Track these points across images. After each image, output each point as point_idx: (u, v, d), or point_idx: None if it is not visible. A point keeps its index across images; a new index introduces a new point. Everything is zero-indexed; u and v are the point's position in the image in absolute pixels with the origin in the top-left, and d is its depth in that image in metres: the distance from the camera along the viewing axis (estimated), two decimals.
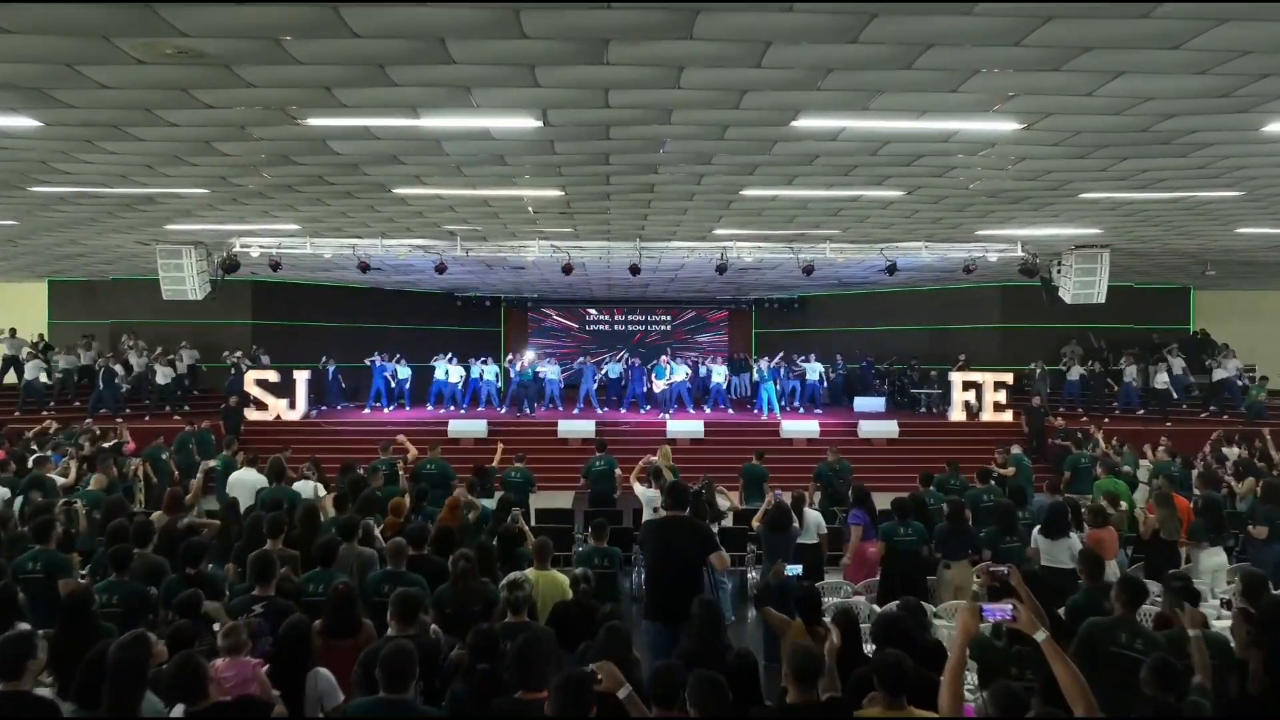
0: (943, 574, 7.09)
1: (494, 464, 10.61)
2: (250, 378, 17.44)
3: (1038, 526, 7.26)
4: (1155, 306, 21.24)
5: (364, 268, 14.14)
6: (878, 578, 7.37)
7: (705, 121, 7.26)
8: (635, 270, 14.26)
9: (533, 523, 9.88)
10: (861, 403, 20.75)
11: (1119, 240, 13.88)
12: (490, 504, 9.94)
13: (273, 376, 17.61)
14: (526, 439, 17.10)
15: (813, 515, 8.22)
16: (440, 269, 14.26)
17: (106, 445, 12.26)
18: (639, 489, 8.70)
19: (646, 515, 8.60)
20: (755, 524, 8.30)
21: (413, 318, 23.61)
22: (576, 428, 17.07)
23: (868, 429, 17.15)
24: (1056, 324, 20.61)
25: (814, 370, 20.58)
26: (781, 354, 20.69)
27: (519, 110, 6.90)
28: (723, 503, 8.64)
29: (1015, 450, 11.68)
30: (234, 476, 9.45)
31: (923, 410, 20.46)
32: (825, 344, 23.89)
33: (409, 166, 8.76)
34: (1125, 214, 11.58)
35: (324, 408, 20.10)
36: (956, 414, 17.95)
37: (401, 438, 10.89)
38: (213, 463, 11.77)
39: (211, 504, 10.43)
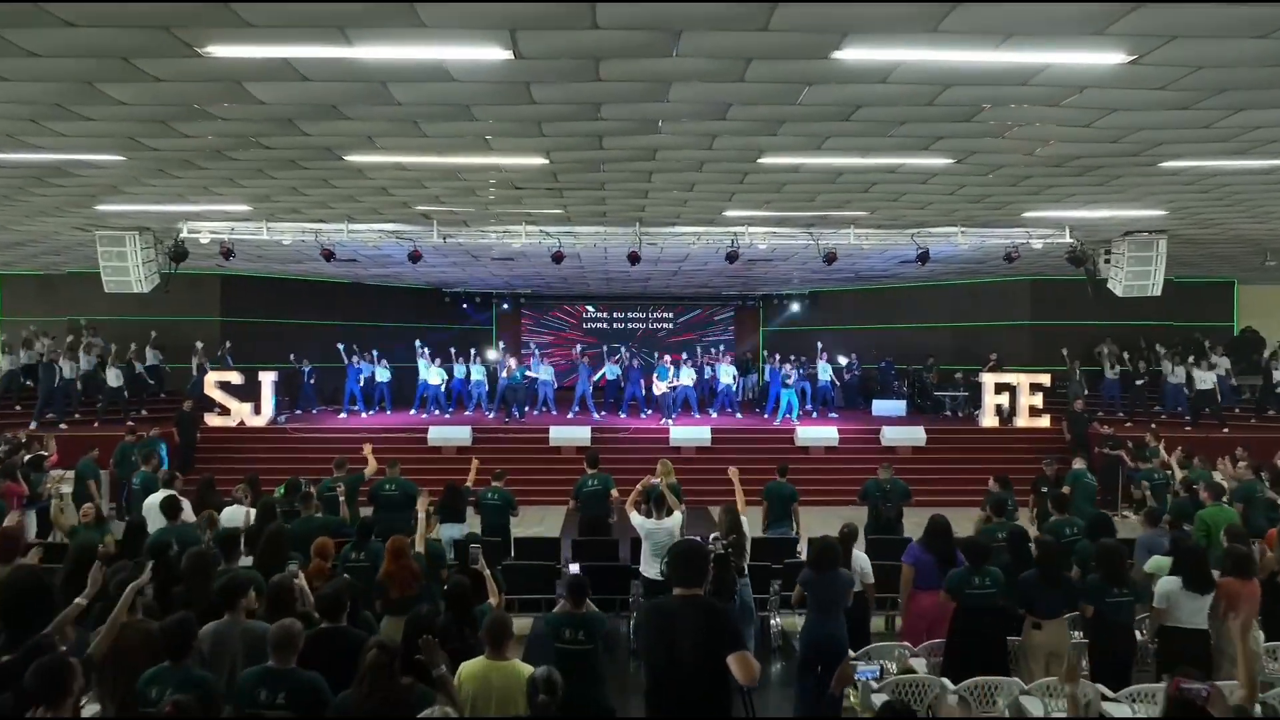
0: (1031, 636, 5.47)
1: (468, 483, 9.01)
2: (210, 379, 15.84)
3: (1162, 575, 5.63)
4: (1197, 302, 19.61)
5: (328, 256, 12.53)
6: (942, 638, 5.75)
7: (721, 52, 5.65)
8: (635, 259, 12.65)
9: (511, 555, 8.28)
10: (880, 406, 19.14)
11: (1180, 225, 12.28)
12: (460, 531, 8.36)
13: (235, 378, 16.01)
14: (514, 447, 15.51)
15: (860, 559, 6.54)
16: (414, 257, 12.66)
17: (26, 457, 10.68)
18: (636, 519, 7.08)
19: (646, 564, 6.99)
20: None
21: (397, 315, 22.06)
22: (570, 435, 15.46)
23: (891, 436, 15.53)
24: (1090, 321, 19.09)
25: (825, 370, 18.99)
26: (815, 352, 18.96)
27: (481, 34, 5.29)
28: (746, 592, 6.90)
29: (1078, 465, 10.03)
30: (151, 501, 7.86)
31: (946, 414, 18.84)
32: (837, 342, 22.31)
33: (355, 123, 7.16)
34: (1201, 190, 9.96)
35: (299, 411, 18.56)
36: (988, 419, 16.33)
37: (367, 449, 9.26)
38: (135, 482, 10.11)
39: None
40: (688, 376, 17.65)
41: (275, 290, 19.77)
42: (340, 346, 18.08)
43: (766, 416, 18.24)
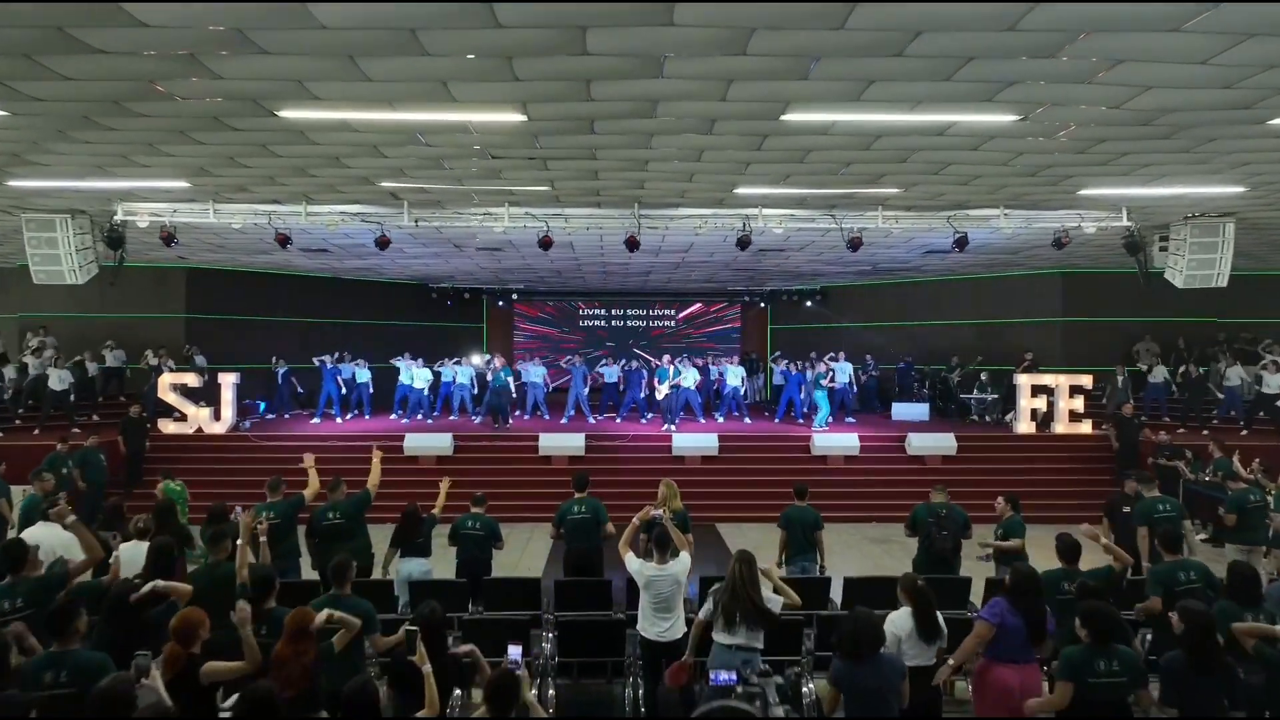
0: None
1: (434, 510, 7.50)
2: (164, 382, 14.33)
3: None
4: (1249, 297, 18.02)
5: (284, 241, 11.02)
6: None
7: None
8: (633, 245, 11.14)
9: (479, 604, 6.76)
10: (900, 410, 17.64)
11: (1254, 206, 10.76)
12: (422, 567, 6.87)
13: (192, 380, 14.50)
14: (500, 457, 14.00)
15: (898, 628, 4.89)
16: (382, 243, 11.14)
17: None
18: (633, 563, 5.53)
19: (645, 619, 5.45)
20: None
21: (380, 312, 20.58)
22: (562, 443, 13.93)
23: (919, 444, 13.99)
24: (1126, 318, 17.62)
25: (843, 371, 17.49)
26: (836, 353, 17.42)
27: None
28: (771, 596, 5.22)
29: (1146, 489, 8.45)
30: (32, 532, 6.34)
31: (973, 419, 17.31)
32: (852, 341, 20.82)
33: (276, 60, 5.64)
34: None
35: (271, 416, 17.10)
36: (1024, 425, 14.80)
37: (308, 461, 7.71)
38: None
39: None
40: (690, 378, 16.14)
41: (245, 285, 18.28)
42: (316, 362, 16.70)
43: (778, 421, 16.73)
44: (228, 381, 14.52)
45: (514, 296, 22.52)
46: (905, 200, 10.55)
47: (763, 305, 23.10)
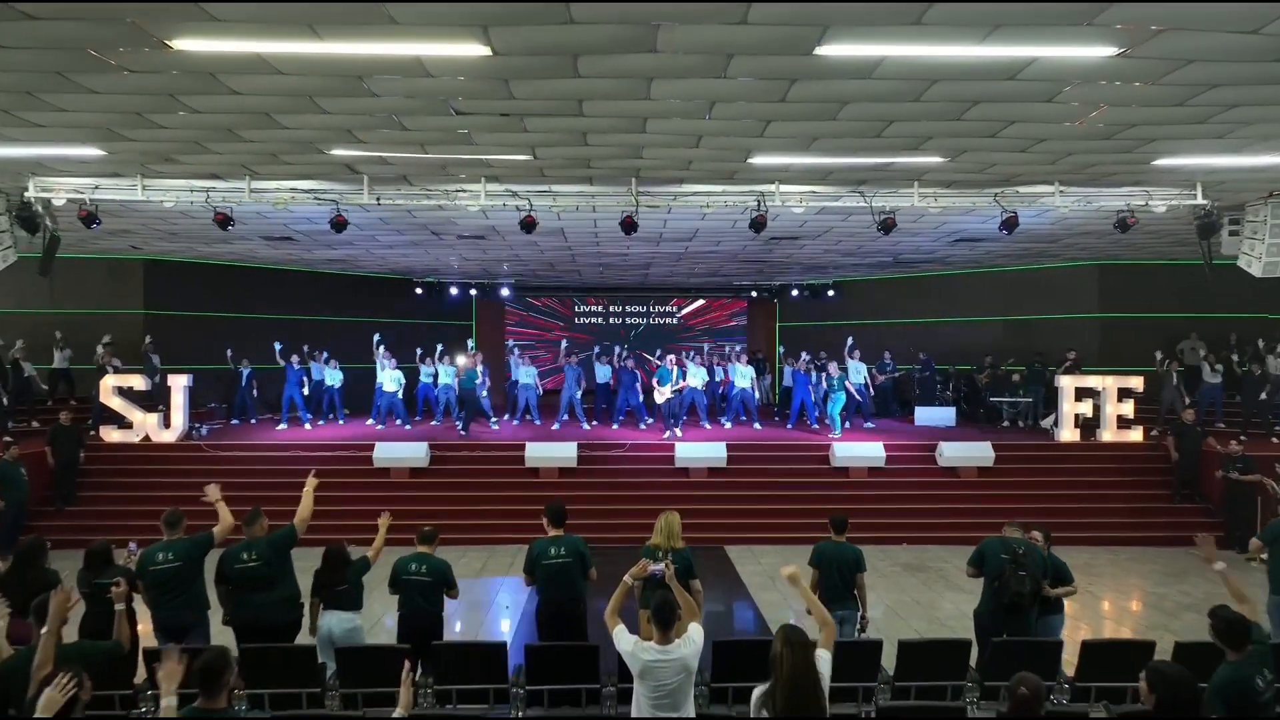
0: None
1: (370, 553, 6.00)
2: (106, 384, 12.84)
3: None
4: None
5: (223, 221, 9.53)
6: None
7: None
8: (630, 227, 9.65)
9: (416, 673, 5.24)
10: (925, 414, 16.15)
11: None
12: (346, 623, 5.40)
13: (139, 383, 13.00)
14: (480, 469, 12.50)
15: None
16: (338, 225, 9.65)
17: None
18: (624, 641, 3.98)
19: (640, 710, 3.93)
20: None
21: (361, 309, 19.07)
22: (550, 453, 12.42)
23: (952, 454, 12.47)
24: (1171, 314, 16.15)
25: (857, 372, 15.98)
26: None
27: None
28: (824, 664, 3.62)
29: None
30: None
31: (1004, 424, 15.80)
32: (867, 339, 19.32)
33: None
34: None
35: (235, 421, 15.64)
36: (1067, 433, 13.27)
37: (211, 492, 6.16)
38: None
39: None
40: (695, 377, 14.64)
41: (210, 278, 16.82)
42: (277, 346, 15.11)
43: (789, 427, 15.22)
44: (178, 384, 13.01)
45: (504, 292, 21.03)
46: (947, 174, 9.03)
47: (772, 301, 21.59)
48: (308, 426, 14.74)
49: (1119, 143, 7.72)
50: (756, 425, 15.24)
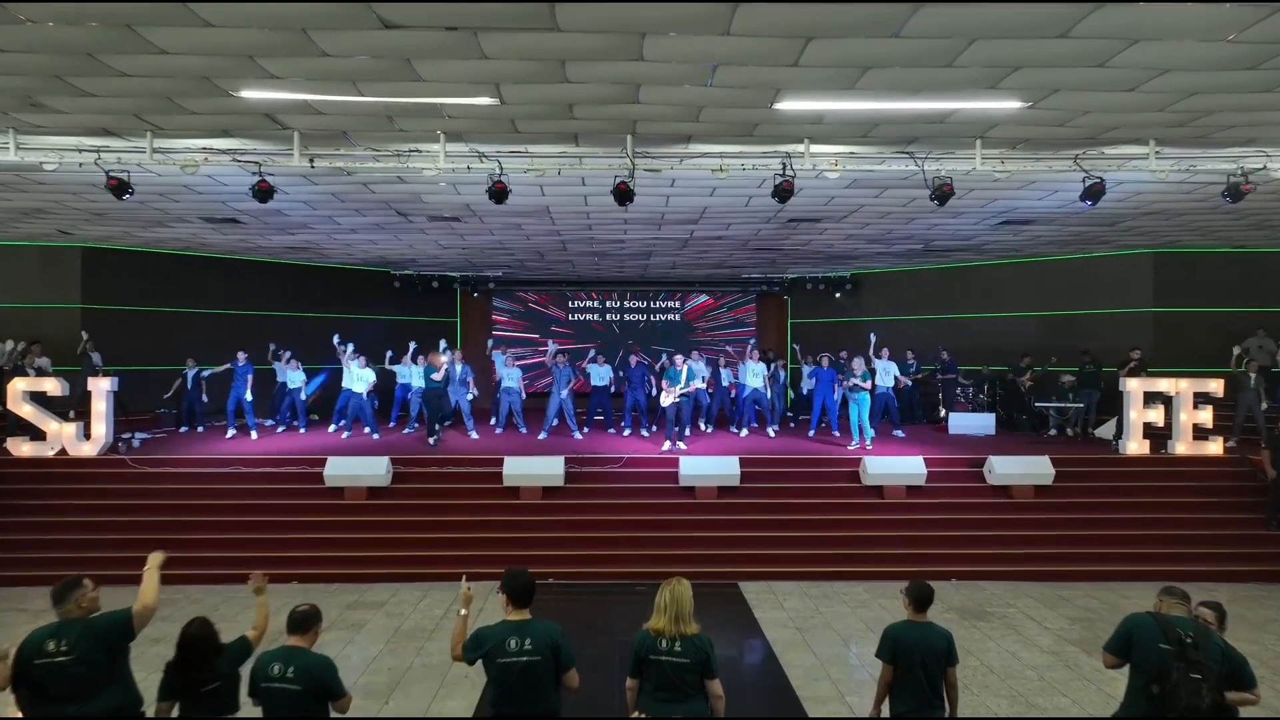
0: None
1: (253, 631, 4.18)
2: (14, 389, 11.01)
3: None
4: None
5: (117, 188, 7.68)
6: None
7: None
8: (625, 195, 7.81)
9: None
10: (960, 421, 14.33)
11: None
12: None
13: (52, 387, 11.17)
14: (452, 488, 10.66)
15: None
16: (262, 193, 7.79)
17: None
18: None
19: None
20: None
21: (331, 304, 17.27)
22: (532, 469, 10.57)
23: (1004, 470, 10.62)
24: (1236, 308, 14.42)
25: (886, 372, 14.18)
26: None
27: None
28: None
29: None
30: None
31: (1052, 433, 13.97)
32: (886, 337, 17.51)
33: None
34: None
35: (184, 429, 13.88)
36: (1135, 444, 11.42)
37: (152, 560, 4.26)
38: None
39: None
40: (702, 377, 12.89)
41: (159, 269, 15.04)
42: (272, 346, 14.04)
43: (811, 436, 13.41)
44: (100, 389, 11.15)
45: (491, 285, 19.18)
46: (1019, 128, 7.21)
47: (784, 296, 19.75)
48: (254, 435, 12.94)
49: (1260, 78, 5.88)
50: (772, 431, 13.42)
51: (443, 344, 13.77)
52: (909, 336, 16.85)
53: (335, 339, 13.21)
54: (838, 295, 18.48)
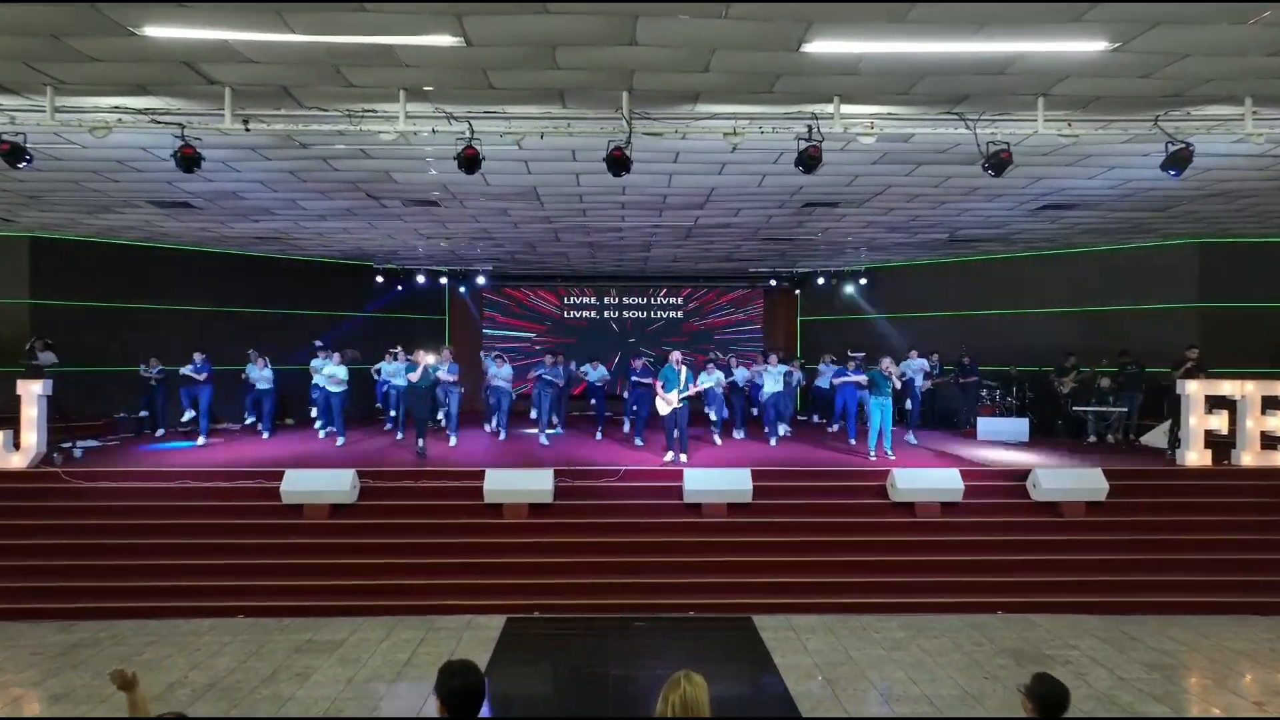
0: None
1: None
2: None
3: None
4: None
5: (10, 153, 6.44)
6: None
7: None
8: (620, 164, 6.57)
9: None
10: (989, 427, 13.11)
11: None
12: None
13: None
14: (426, 505, 9.42)
15: None
16: (186, 160, 6.55)
17: None
18: None
19: None
20: None
21: (310, 300, 16.09)
22: (516, 484, 9.31)
23: (1050, 484, 9.37)
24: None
25: (918, 371, 13.08)
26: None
27: None
28: None
29: None
30: None
31: (1091, 440, 12.73)
32: (903, 336, 16.32)
33: None
34: None
35: (154, 431, 12.80)
36: (1195, 455, 10.19)
37: (118, 680, 3.04)
38: None
39: None
40: (714, 382, 11.73)
41: (115, 261, 13.84)
42: (318, 344, 12.94)
43: (852, 441, 12.18)
44: (30, 393, 9.91)
45: (481, 281, 17.96)
46: (1095, 80, 5.97)
47: (794, 292, 18.55)
48: (200, 440, 11.82)
49: None
50: (786, 431, 12.22)
51: (446, 351, 12.63)
52: (928, 336, 15.65)
53: (317, 344, 12.27)
54: (850, 291, 17.30)
